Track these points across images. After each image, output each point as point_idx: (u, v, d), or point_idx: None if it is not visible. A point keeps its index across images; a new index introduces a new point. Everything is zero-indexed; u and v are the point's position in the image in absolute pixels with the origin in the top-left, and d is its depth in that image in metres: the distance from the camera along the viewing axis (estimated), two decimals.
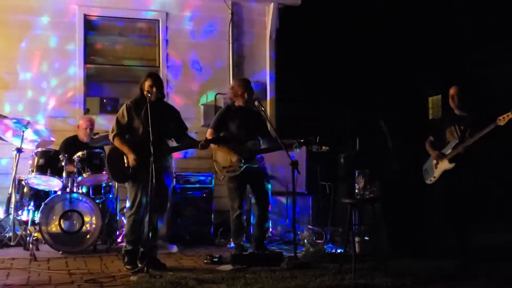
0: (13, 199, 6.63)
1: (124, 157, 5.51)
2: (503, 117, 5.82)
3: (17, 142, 6.78)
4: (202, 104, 8.30)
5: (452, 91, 6.39)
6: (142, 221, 5.51)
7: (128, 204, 5.60)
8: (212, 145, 6.21)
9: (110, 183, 6.94)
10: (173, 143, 5.80)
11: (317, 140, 6.03)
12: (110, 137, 5.62)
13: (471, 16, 10.57)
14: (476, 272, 5.39)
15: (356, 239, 5.97)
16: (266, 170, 6.40)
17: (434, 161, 6.39)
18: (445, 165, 6.27)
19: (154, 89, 5.53)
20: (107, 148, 6.40)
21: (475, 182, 6.12)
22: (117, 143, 5.56)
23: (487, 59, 10.18)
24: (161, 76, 8.14)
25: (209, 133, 6.24)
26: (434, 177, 6.37)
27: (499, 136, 5.99)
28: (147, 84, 5.55)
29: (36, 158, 6.59)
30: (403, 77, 10.72)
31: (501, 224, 7.56)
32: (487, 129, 5.95)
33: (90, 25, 8.15)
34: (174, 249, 6.75)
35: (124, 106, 5.64)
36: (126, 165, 5.49)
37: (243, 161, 6.11)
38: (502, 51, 9.81)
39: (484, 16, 10.43)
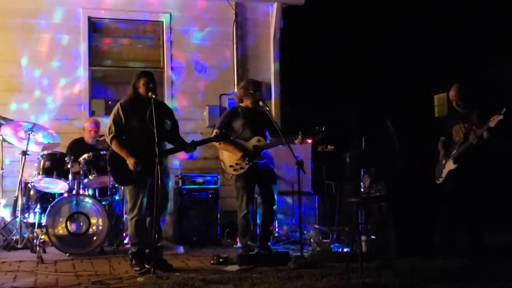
0: (19, 202, 6.65)
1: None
2: (493, 119, 5.82)
3: (22, 145, 6.79)
4: (207, 105, 8.30)
5: (452, 92, 6.36)
6: (144, 222, 5.51)
7: (129, 206, 5.54)
8: (217, 145, 6.22)
9: (116, 185, 6.94)
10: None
11: (324, 129, 5.99)
12: (108, 139, 5.53)
13: (476, 14, 10.54)
14: (483, 271, 5.36)
15: (363, 238, 5.95)
16: (274, 170, 6.37)
17: (443, 161, 6.37)
18: (449, 165, 6.25)
19: (151, 85, 5.45)
20: None
21: (478, 182, 6.07)
22: (115, 147, 5.45)
23: (494, 58, 10.13)
24: (165, 77, 8.22)
25: (214, 134, 6.24)
26: (442, 177, 6.35)
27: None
28: (141, 82, 5.48)
29: (42, 161, 6.60)
30: (408, 75, 10.68)
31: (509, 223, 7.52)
32: (482, 130, 5.93)
33: (94, 27, 8.17)
34: (181, 250, 6.76)
35: (119, 106, 5.54)
36: (129, 168, 5.41)
37: (247, 158, 6.11)
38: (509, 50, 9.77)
39: (489, 15, 10.39)
